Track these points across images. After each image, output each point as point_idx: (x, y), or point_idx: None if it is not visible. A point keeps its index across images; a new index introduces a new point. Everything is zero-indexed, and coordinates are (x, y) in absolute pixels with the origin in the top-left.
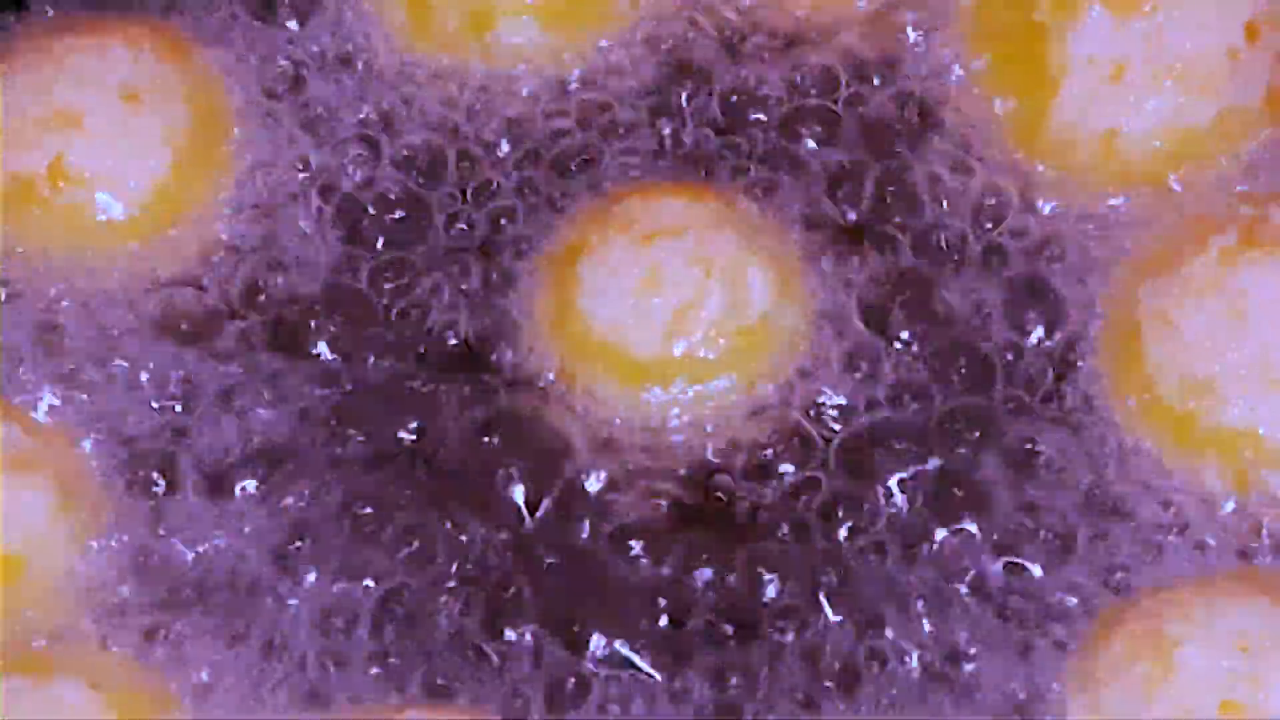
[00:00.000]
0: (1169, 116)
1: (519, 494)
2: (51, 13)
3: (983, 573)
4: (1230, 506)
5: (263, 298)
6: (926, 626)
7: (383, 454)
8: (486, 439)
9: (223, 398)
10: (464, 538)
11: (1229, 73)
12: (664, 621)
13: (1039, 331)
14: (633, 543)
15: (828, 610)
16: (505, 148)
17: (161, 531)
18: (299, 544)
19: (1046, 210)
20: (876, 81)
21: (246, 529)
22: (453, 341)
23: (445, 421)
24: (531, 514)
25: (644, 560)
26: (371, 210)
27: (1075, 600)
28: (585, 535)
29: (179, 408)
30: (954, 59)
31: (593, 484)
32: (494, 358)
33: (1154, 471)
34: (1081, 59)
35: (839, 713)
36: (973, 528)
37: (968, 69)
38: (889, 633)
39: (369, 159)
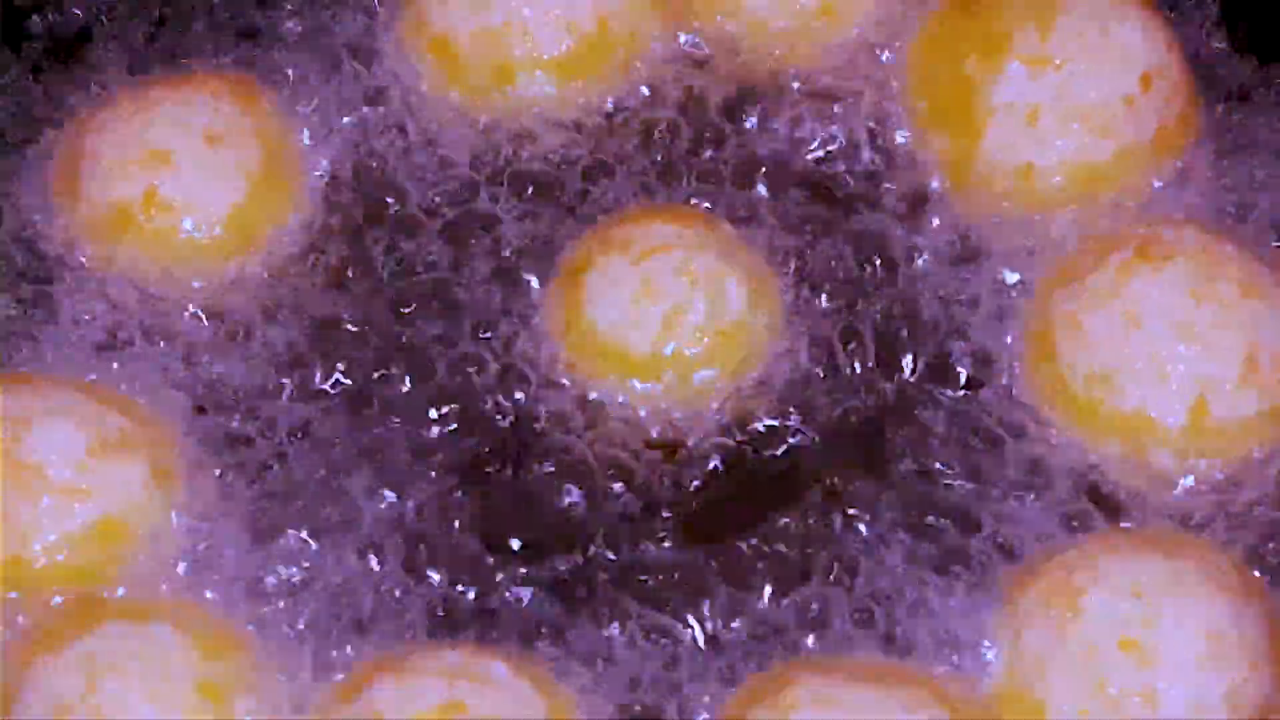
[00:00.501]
0: (1076, 153)
1: (543, 468)
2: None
3: (924, 528)
4: (1126, 478)
5: (325, 300)
6: (874, 574)
7: (422, 432)
8: (513, 420)
9: (283, 386)
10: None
11: (1126, 116)
12: (651, 550)
13: (971, 331)
14: (624, 502)
15: (783, 556)
16: (527, 179)
17: (236, 498)
18: (341, 509)
19: (978, 230)
20: (836, 124)
21: (308, 495)
22: (486, 343)
23: (478, 405)
24: (545, 466)
25: (635, 514)
26: (413, 229)
27: (998, 554)
28: (576, 487)
29: (249, 396)
30: (899, 106)
31: (590, 451)
32: (516, 354)
33: (1064, 449)
34: (1003, 106)
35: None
36: (916, 490)
37: (911, 114)
38: (835, 571)
39: (412, 189)
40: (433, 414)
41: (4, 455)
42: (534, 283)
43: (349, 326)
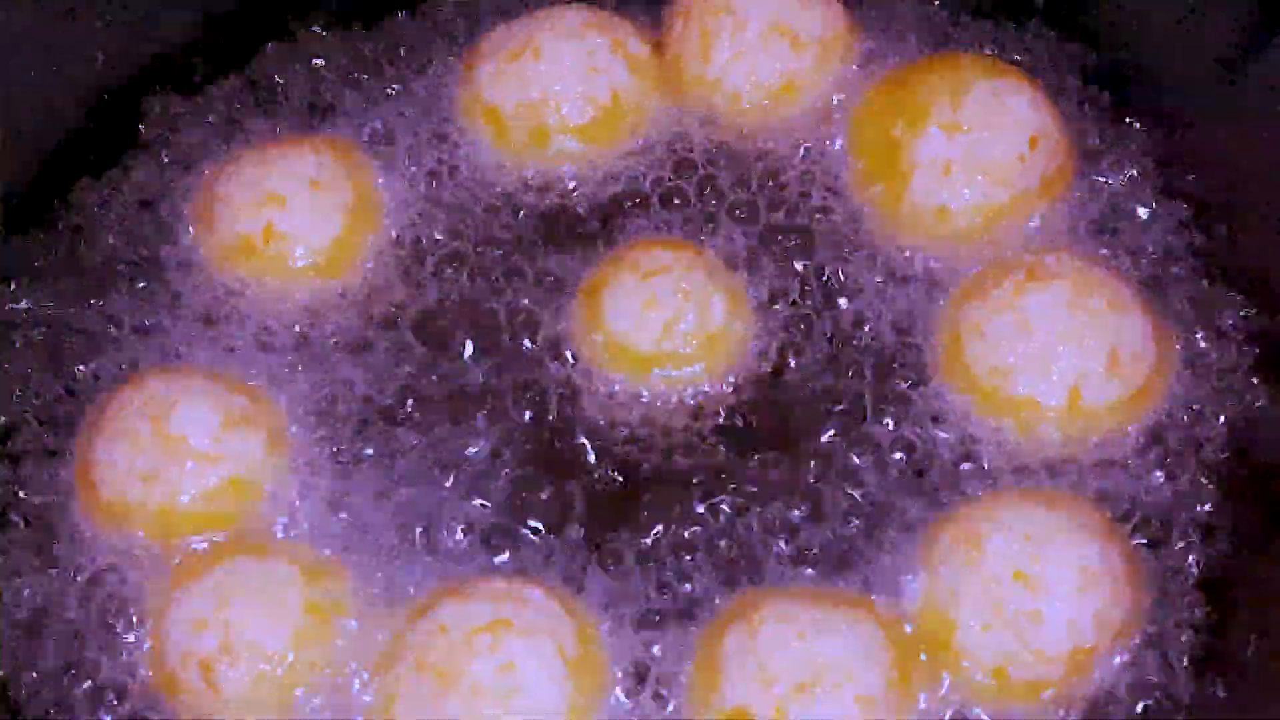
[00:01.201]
0: (980, 198)
1: (571, 432)
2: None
3: (861, 484)
4: (1019, 447)
5: (401, 309)
6: (822, 521)
7: (483, 403)
8: (548, 402)
9: (368, 373)
10: (529, 445)
11: (1019, 169)
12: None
13: (898, 334)
14: (631, 458)
15: (747, 504)
16: (558, 216)
17: (332, 462)
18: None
19: (904, 257)
20: (793, 175)
21: (389, 463)
22: (526, 343)
23: (525, 388)
24: (571, 439)
25: (636, 465)
26: (471, 254)
27: (920, 506)
28: (595, 454)
29: (341, 382)
30: (842, 162)
31: (607, 428)
32: (551, 351)
33: (971, 426)
34: (923, 161)
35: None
36: (855, 457)
37: (852, 169)
38: (794, 519)
39: (470, 224)
40: (492, 391)
41: (156, 429)
42: (566, 296)
43: (422, 324)
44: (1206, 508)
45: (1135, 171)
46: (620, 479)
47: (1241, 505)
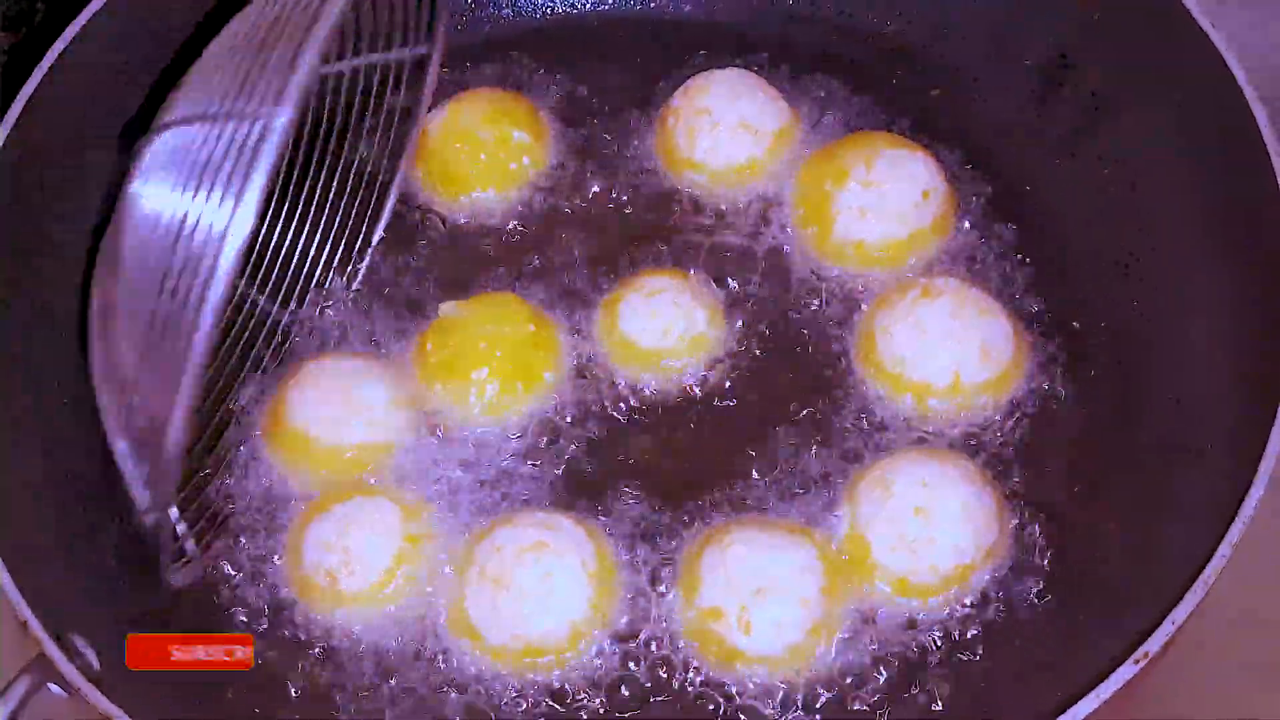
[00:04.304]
0: (887, 234)
1: (600, 403)
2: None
3: (800, 444)
4: (916, 417)
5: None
6: (779, 473)
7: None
8: (582, 381)
9: None
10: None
11: (915, 213)
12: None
13: (830, 334)
14: (639, 422)
15: (721, 463)
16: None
17: (430, 440)
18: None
19: (833, 278)
20: (754, 220)
21: (479, 433)
22: (575, 336)
23: (568, 374)
24: (599, 407)
25: (640, 433)
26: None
27: (848, 462)
28: (612, 424)
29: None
30: (788, 207)
31: (620, 405)
32: (584, 347)
33: (880, 400)
34: (845, 207)
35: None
36: (796, 425)
37: (795, 214)
38: (751, 470)
39: (535, 279)
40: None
41: (344, 396)
42: (593, 310)
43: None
44: (1053, 458)
45: (996, 222)
46: (630, 437)
47: (1075, 453)
